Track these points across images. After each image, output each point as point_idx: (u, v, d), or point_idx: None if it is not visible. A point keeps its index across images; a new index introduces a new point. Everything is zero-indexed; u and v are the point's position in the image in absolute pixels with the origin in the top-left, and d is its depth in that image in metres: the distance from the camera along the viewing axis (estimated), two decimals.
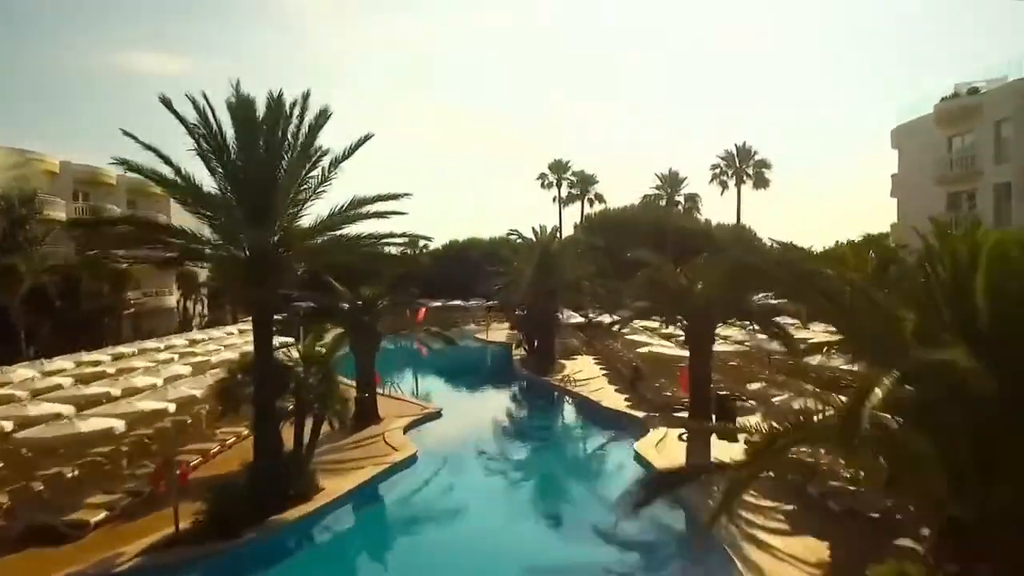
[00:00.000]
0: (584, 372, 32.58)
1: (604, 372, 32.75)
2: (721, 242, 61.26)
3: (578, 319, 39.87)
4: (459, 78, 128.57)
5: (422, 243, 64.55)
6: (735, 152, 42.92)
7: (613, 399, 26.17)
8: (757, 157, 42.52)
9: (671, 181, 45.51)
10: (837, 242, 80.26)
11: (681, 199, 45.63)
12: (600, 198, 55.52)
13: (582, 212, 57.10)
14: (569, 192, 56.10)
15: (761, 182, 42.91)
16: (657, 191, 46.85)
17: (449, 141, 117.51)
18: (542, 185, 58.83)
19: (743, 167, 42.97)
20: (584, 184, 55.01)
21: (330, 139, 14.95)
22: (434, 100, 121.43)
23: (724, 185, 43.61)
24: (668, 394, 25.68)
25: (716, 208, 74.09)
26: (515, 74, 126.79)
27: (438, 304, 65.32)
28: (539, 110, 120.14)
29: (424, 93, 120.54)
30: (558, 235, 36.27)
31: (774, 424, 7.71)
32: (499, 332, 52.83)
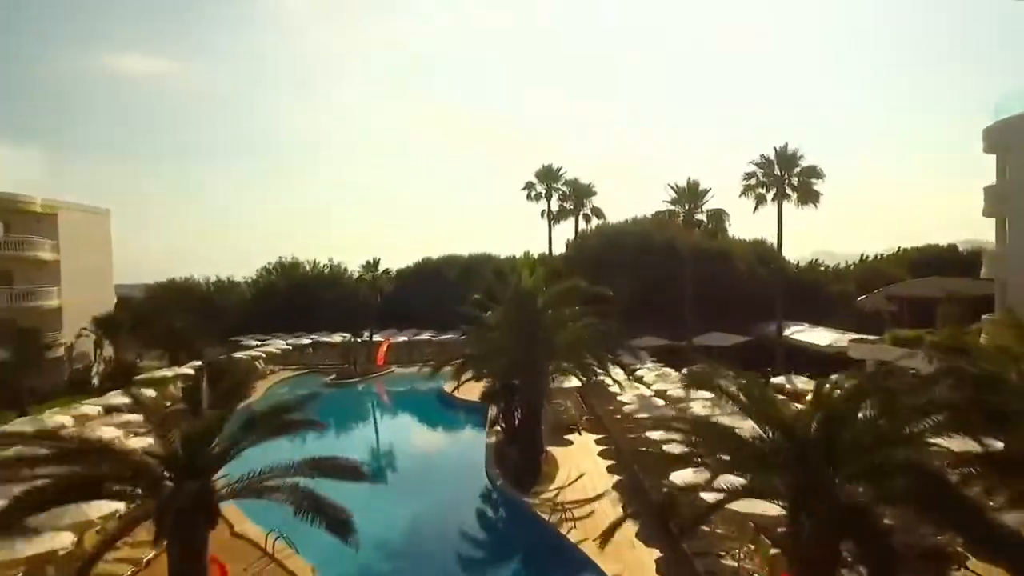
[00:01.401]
0: (587, 477, 22.51)
1: (614, 473, 22.76)
2: (741, 260, 51.57)
3: (575, 382, 29.89)
4: (456, 81, 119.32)
5: (382, 267, 54.65)
6: (774, 158, 32.95)
7: (640, 570, 16.12)
8: (804, 163, 32.48)
9: (690, 194, 35.56)
10: (864, 257, 70.60)
11: (704, 217, 35.68)
12: (598, 213, 45.47)
13: (576, 229, 47.07)
14: (561, 205, 46.07)
15: (808, 196, 32.87)
16: (672, 206, 36.82)
17: (445, 146, 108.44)
18: (528, 196, 48.86)
19: (786, 177, 32.98)
20: (579, 196, 44.89)
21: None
22: (432, 102, 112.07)
23: (761, 200, 33.59)
24: (735, 562, 15.70)
25: (750, 227, 62.92)
26: (514, 76, 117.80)
27: (404, 338, 55.13)
28: (538, 115, 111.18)
29: (421, 95, 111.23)
30: (542, 272, 25.86)
31: None
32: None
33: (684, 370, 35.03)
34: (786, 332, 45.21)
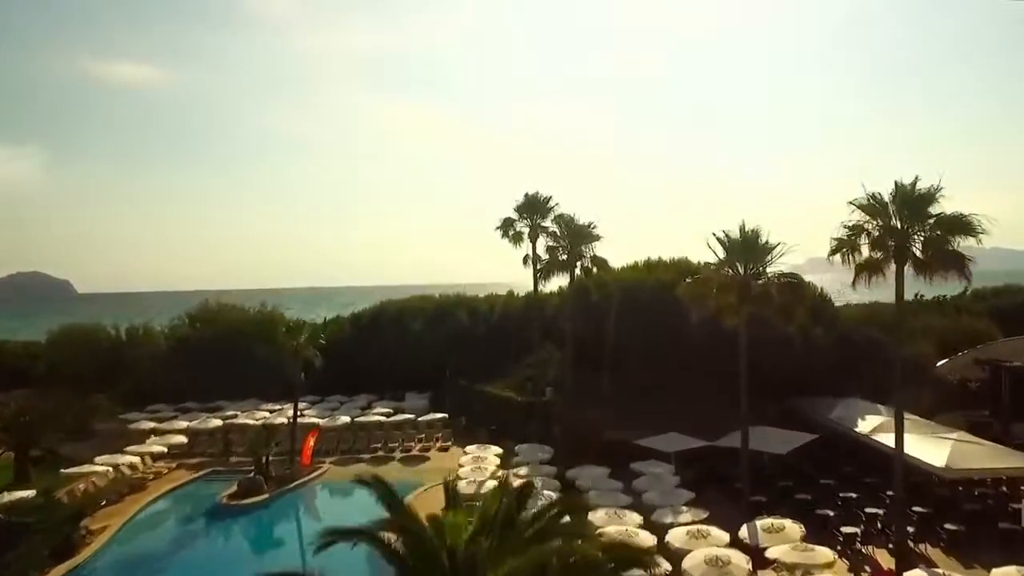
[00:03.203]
0: None
1: None
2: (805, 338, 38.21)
3: None
4: (449, 89, 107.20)
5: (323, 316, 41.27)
6: (892, 198, 19.98)
7: None
8: (944, 210, 19.60)
9: (746, 250, 23.04)
10: (920, 295, 58.08)
11: (768, 280, 23.05)
12: (601, 264, 32.68)
13: (571, 278, 34.01)
14: (551, 252, 33.28)
15: (948, 261, 19.95)
16: (719, 269, 24.22)
17: (435, 156, 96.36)
18: (505, 235, 36.32)
19: (912, 231, 20.01)
20: (576, 240, 32.08)
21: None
22: (421, 110, 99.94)
23: (872, 269, 20.37)
24: None
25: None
26: (511, 84, 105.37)
27: (345, 419, 42.20)
28: (531, 126, 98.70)
29: (412, 103, 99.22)
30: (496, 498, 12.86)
31: None
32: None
33: (743, 533, 22.32)
34: (862, 427, 32.76)
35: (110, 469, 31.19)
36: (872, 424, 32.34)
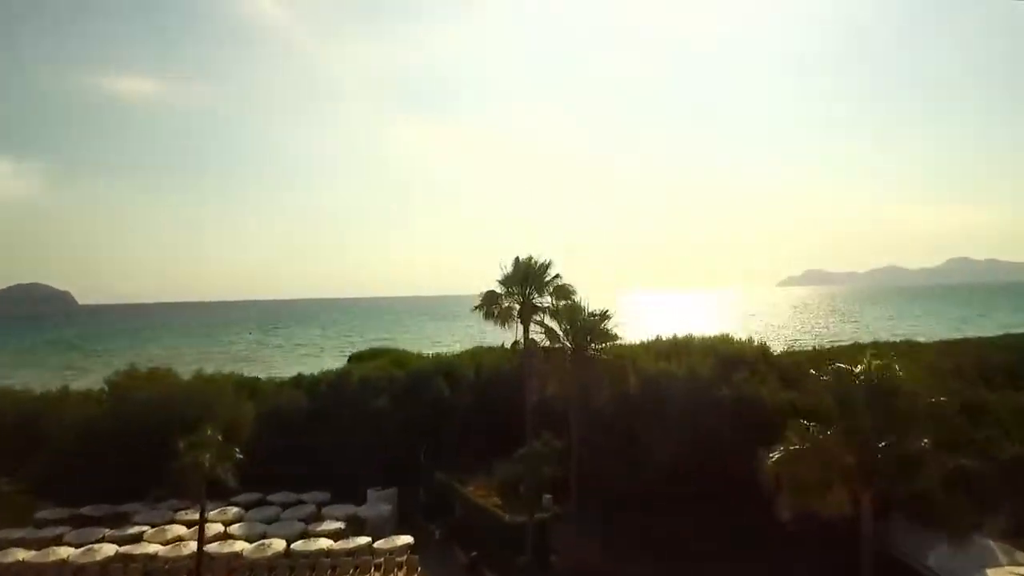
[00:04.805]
0: None
1: None
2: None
3: None
4: (448, 98, 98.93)
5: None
6: None
7: None
8: None
9: (875, 405, 12.76)
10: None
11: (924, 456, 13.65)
12: (618, 369, 22.82)
13: (576, 386, 24.15)
14: (550, 353, 23.71)
15: None
16: (827, 433, 14.41)
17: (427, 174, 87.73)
18: (487, 315, 27.05)
19: None
20: (579, 330, 22.46)
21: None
22: (417, 125, 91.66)
23: None
24: None
25: None
26: (509, 93, 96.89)
27: (280, 545, 32.52)
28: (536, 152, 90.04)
29: (412, 119, 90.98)
30: None
31: None
32: None
33: None
34: None
35: None
36: None
